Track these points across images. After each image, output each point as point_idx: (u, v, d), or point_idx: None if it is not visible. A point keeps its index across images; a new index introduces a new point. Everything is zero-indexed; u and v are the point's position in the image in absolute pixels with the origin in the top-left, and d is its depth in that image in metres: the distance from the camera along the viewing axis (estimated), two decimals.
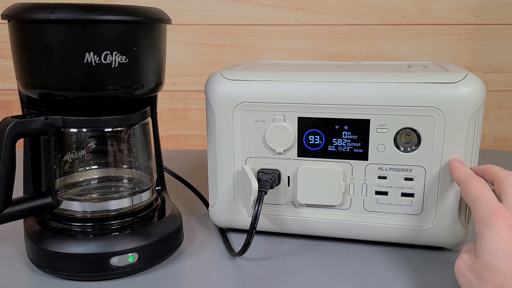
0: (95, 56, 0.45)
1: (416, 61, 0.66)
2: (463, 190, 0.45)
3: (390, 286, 0.48)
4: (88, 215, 0.51)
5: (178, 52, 1.04)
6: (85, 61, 0.45)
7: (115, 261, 0.47)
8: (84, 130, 0.51)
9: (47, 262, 0.48)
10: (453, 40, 1.02)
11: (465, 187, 0.45)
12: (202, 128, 1.09)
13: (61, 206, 0.51)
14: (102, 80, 0.46)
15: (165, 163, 0.65)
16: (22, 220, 0.53)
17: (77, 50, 0.44)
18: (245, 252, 0.51)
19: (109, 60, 0.46)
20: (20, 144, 0.52)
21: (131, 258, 0.48)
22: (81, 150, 0.52)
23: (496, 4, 1.00)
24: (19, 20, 0.45)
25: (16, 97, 1.06)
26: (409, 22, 1.02)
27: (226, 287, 0.48)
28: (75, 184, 0.54)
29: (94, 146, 0.52)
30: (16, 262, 0.52)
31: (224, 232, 0.59)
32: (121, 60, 0.46)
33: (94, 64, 0.45)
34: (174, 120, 1.09)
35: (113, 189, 0.54)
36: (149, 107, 0.55)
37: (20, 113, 0.51)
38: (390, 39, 1.03)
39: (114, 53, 0.46)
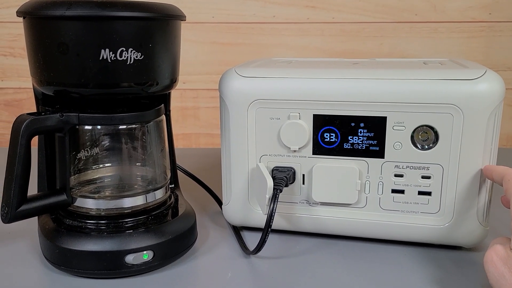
0: (111, 52, 0.45)
1: (432, 58, 0.66)
2: (507, 183, 0.44)
3: (406, 285, 0.47)
4: (102, 213, 0.51)
5: (188, 51, 1.04)
6: (100, 58, 0.45)
7: (130, 259, 0.47)
8: (99, 127, 0.51)
9: (62, 260, 0.48)
10: (466, 37, 1.01)
11: (511, 179, 0.44)
12: (212, 127, 1.09)
13: (75, 204, 0.51)
14: (118, 77, 0.46)
15: (176, 161, 0.64)
16: (36, 217, 0.53)
17: (93, 46, 0.44)
18: (260, 250, 0.50)
19: (125, 56, 0.45)
20: (34, 143, 0.52)
21: (146, 256, 0.48)
22: (96, 148, 0.52)
23: (509, 1, 0.98)
24: (35, 16, 0.45)
25: (27, 96, 1.06)
26: (421, 20, 1.01)
27: (240, 285, 0.47)
28: (89, 182, 0.54)
29: (108, 143, 0.52)
30: (31, 259, 0.52)
31: (237, 230, 0.59)
32: (136, 57, 0.46)
33: (109, 60, 0.45)
34: (184, 119, 1.09)
35: (127, 187, 0.54)
36: (163, 104, 0.55)
37: (33, 111, 0.51)
38: (401, 37, 1.02)
39: (130, 49, 0.45)
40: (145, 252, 0.48)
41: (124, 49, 0.45)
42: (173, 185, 0.60)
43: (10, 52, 1.05)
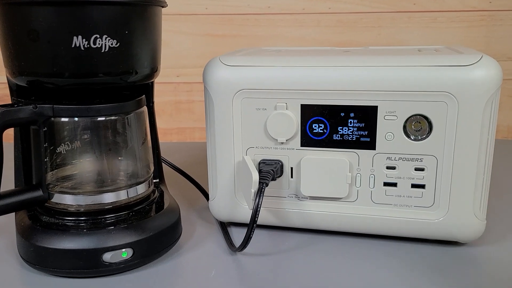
0: (84, 40, 0.42)
1: (428, 45, 0.63)
2: None
3: (399, 283, 0.45)
4: (82, 209, 0.49)
5: (181, 43, 1.01)
6: (73, 46, 0.42)
7: (107, 257, 0.45)
8: (76, 119, 0.48)
9: (37, 259, 0.46)
10: (466, 27, 0.98)
11: None
12: None
13: (53, 200, 0.49)
14: (92, 65, 0.44)
15: (168, 155, 0.62)
16: (13, 214, 0.51)
17: (65, 33, 0.42)
18: (246, 247, 0.48)
19: (99, 44, 0.43)
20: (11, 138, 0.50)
21: (125, 254, 0.46)
22: (74, 142, 0.50)
23: None
24: (3, 2, 0.43)
25: None
26: (420, 9, 0.98)
27: (225, 284, 0.45)
28: (68, 177, 0.52)
29: (87, 136, 0.50)
30: (7, 258, 0.50)
31: (224, 226, 0.56)
32: (111, 44, 0.44)
33: (83, 48, 0.43)
34: (178, 113, 1.07)
35: (107, 182, 0.52)
36: (144, 95, 0.52)
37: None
38: (399, 27, 0.99)
39: (104, 36, 0.43)
40: (123, 250, 0.46)
41: (98, 36, 0.43)
42: (157, 180, 0.58)
43: None
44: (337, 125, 0.50)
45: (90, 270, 0.45)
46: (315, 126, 0.50)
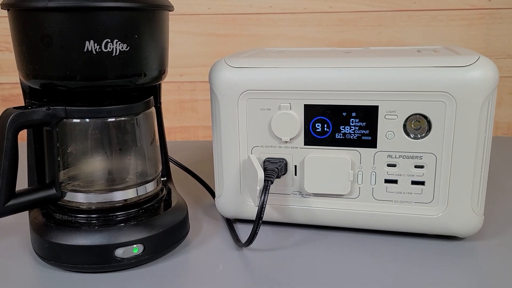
0: (96, 44, 0.44)
1: (427, 46, 0.64)
2: None
3: (400, 276, 0.46)
4: (93, 207, 0.50)
5: (184, 43, 1.03)
6: (85, 50, 0.44)
7: (119, 252, 0.47)
8: (87, 120, 0.50)
9: (51, 254, 0.47)
10: (466, 25, 0.99)
11: None
12: (210, 120, 1.08)
13: (65, 198, 0.51)
14: (103, 69, 0.45)
15: (173, 154, 0.64)
16: (27, 212, 0.52)
17: (77, 38, 0.44)
18: (252, 243, 0.50)
19: (110, 48, 0.45)
20: (23, 138, 0.51)
21: (136, 249, 0.48)
22: (85, 141, 0.52)
23: None
24: (18, 8, 0.44)
25: None
26: (420, 8, 0.99)
27: (232, 278, 0.47)
28: (79, 176, 0.53)
29: (97, 136, 0.52)
30: (22, 254, 0.52)
31: (231, 222, 0.58)
32: (122, 48, 0.45)
33: (94, 52, 0.44)
34: (182, 112, 1.08)
35: (117, 180, 0.53)
36: (152, 96, 0.54)
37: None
38: (400, 26, 1.00)
39: (115, 41, 0.45)
40: (135, 245, 0.47)
41: (109, 41, 0.44)
42: (165, 178, 0.60)
43: (6, 47, 1.05)
44: (339, 124, 0.51)
45: (103, 265, 0.47)
46: (318, 126, 0.52)
